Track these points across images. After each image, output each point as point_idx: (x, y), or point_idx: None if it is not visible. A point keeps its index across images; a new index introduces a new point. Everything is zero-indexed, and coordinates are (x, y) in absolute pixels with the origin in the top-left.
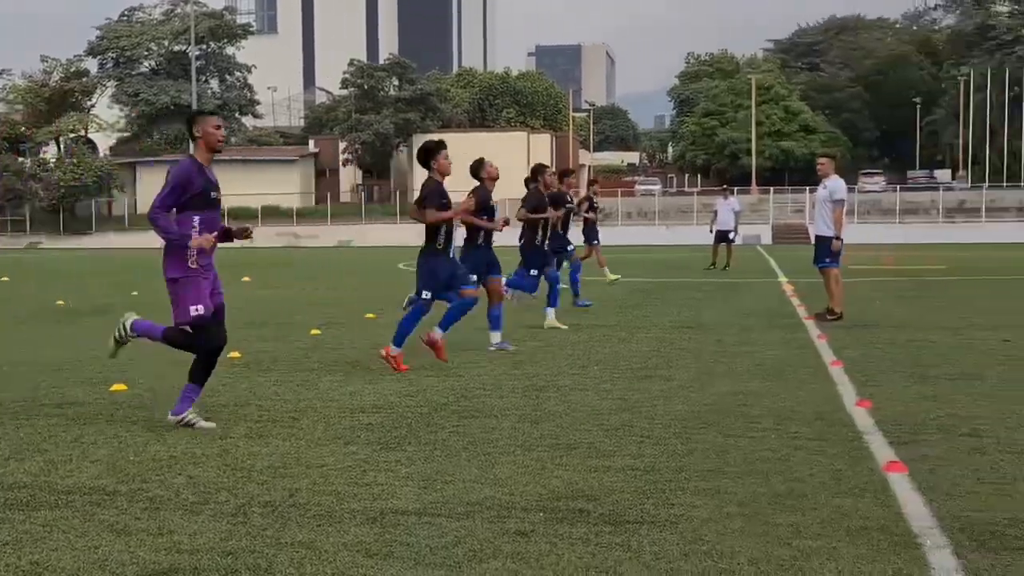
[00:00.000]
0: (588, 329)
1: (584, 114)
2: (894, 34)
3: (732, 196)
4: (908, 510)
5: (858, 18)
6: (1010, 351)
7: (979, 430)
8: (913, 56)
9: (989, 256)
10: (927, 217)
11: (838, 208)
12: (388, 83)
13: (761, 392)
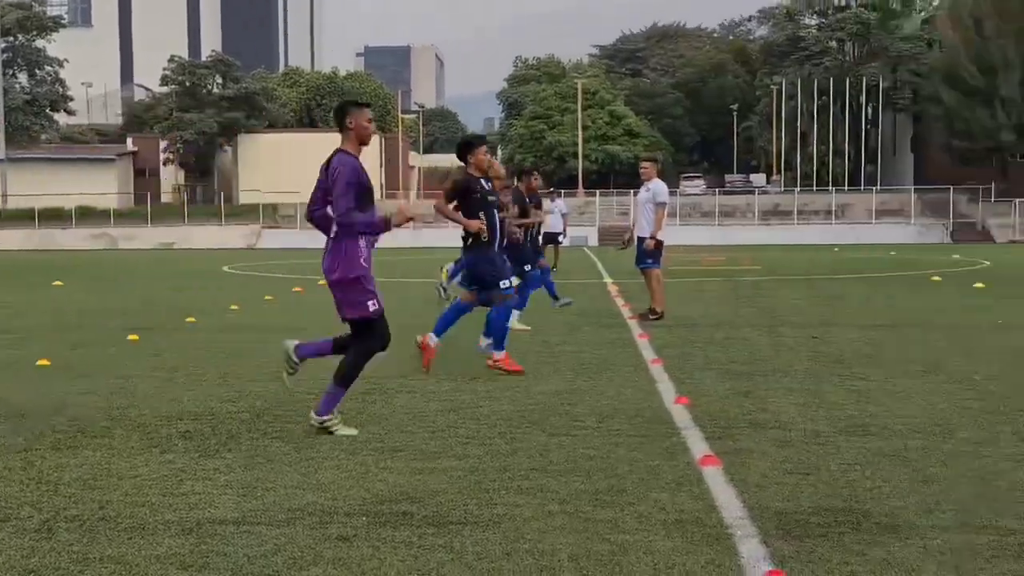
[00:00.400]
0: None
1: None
2: (712, 43)
3: (559, 198)
4: (721, 502)
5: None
6: (818, 347)
7: (787, 423)
8: (730, 65)
9: (800, 257)
10: (744, 219)
11: (660, 210)
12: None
13: (585, 390)
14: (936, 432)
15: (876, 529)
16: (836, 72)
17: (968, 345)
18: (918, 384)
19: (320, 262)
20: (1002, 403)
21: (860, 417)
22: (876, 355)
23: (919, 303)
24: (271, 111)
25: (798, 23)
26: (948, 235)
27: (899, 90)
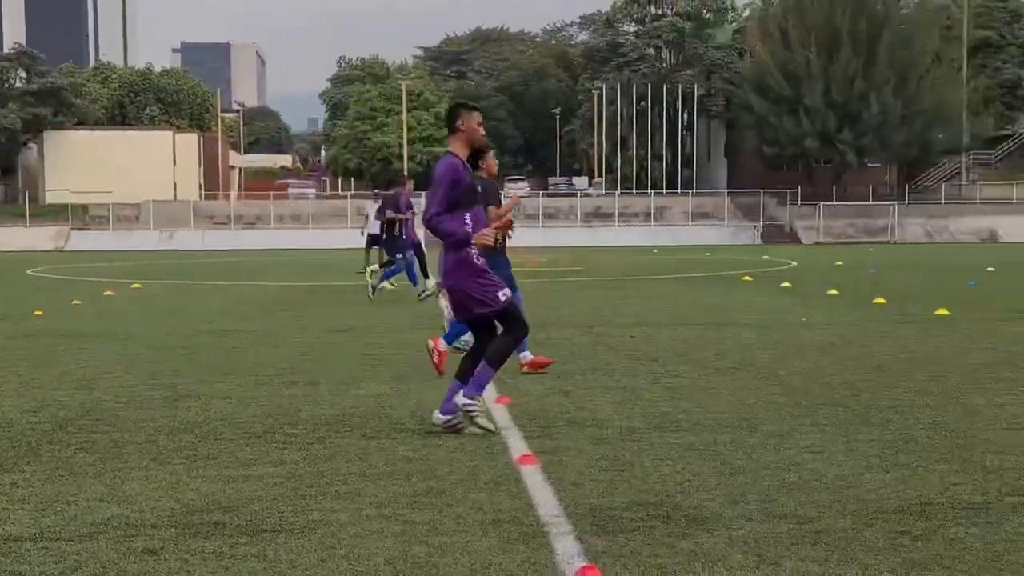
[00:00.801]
0: (234, 335)
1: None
2: (535, 47)
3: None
4: (538, 500)
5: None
6: (635, 346)
7: (604, 421)
8: (552, 69)
9: (620, 258)
10: (567, 221)
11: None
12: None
13: (405, 393)
14: (743, 426)
15: (685, 521)
16: (654, 78)
17: (774, 342)
18: (728, 380)
19: None
20: (804, 397)
21: (673, 413)
22: (690, 353)
23: (731, 302)
24: (80, 107)
25: (617, 30)
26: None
27: (713, 97)
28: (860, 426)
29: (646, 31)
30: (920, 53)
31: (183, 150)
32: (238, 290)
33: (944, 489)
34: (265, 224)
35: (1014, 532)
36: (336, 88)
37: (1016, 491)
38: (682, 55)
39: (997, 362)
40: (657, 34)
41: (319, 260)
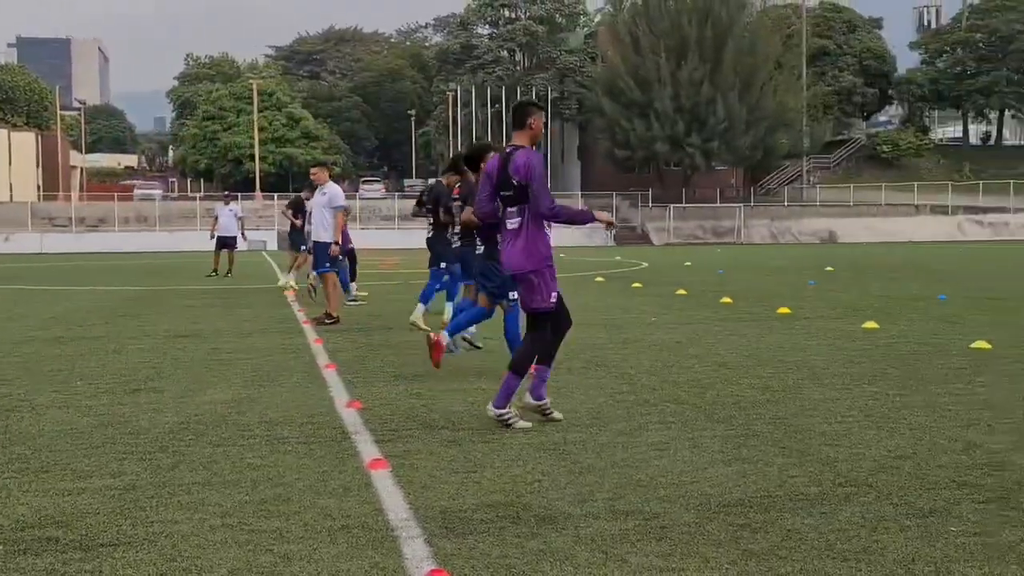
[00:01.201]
0: (73, 342)
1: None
2: (389, 48)
3: (235, 202)
4: (388, 505)
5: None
6: (489, 347)
7: (456, 423)
8: (407, 70)
9: None
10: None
11: (338, 214)
12: None
13: (254, 399)
14: (593, 425)
15: (535, 521)
16: (508, 81)
17: (624, 341)
18: (578, 380)
19: None
20: (652, 395)
21: None
22: None
23: (584, 302)
24: None
25: (471, 32)
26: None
27: (566, 100)
28: (705, 422)
29: (500, 34)
30: (763, 60)
31: (19, 149)
32: (79, 295)
33: (782, 482)
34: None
35: (847, 521)
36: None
37: (848, 481)
38: (535, 58)
39: (833, 358)
40: (511, 37)
41: (167, 263)
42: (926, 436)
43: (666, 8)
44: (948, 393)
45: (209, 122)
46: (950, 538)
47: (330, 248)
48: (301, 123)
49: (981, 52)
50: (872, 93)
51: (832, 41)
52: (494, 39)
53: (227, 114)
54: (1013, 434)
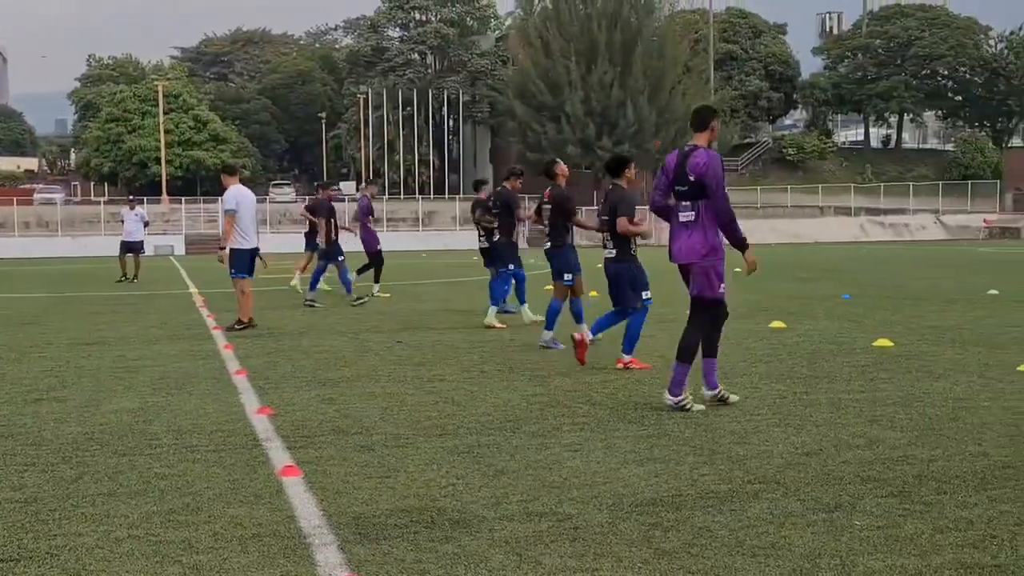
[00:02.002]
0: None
1: None
2: (299, 50)
3: (140, 206)
4: (300, 512)
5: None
6: (401, 352)
7: (370, 428)
8: (317, 72)
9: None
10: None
11: (226, 218)
12: None
13: (162, 407)
14: (507, 427)
15: (449, 525)
16: (420, 84)
17: (537, 344)
18: (493, 383)
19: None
20: (565, 396)
21: (439, 418)
22: (456, 357)
23: None
24: None
25: (382, 34)
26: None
27: (478, 104)
28: (618, 423)
29: (411, 36)
30: (671, 64)
31: None
32: None
33: (693, 480)
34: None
35: (756, 518)
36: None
37: (757, 479)
38: (447, 61)
39: (741, 357)
40: (422, 40)
41: (71, 269)
42: (831, 432)
43: (576, 12)
44: (852, 390)
45: (113, 124)
46: (854, 531)
47: (219, 254)
48: (208, 126)
49: (881, 58)
50: (778, 97)
51: (738, 46)
52: (405, 42)
53: (132, 116)
54: (914, 429)
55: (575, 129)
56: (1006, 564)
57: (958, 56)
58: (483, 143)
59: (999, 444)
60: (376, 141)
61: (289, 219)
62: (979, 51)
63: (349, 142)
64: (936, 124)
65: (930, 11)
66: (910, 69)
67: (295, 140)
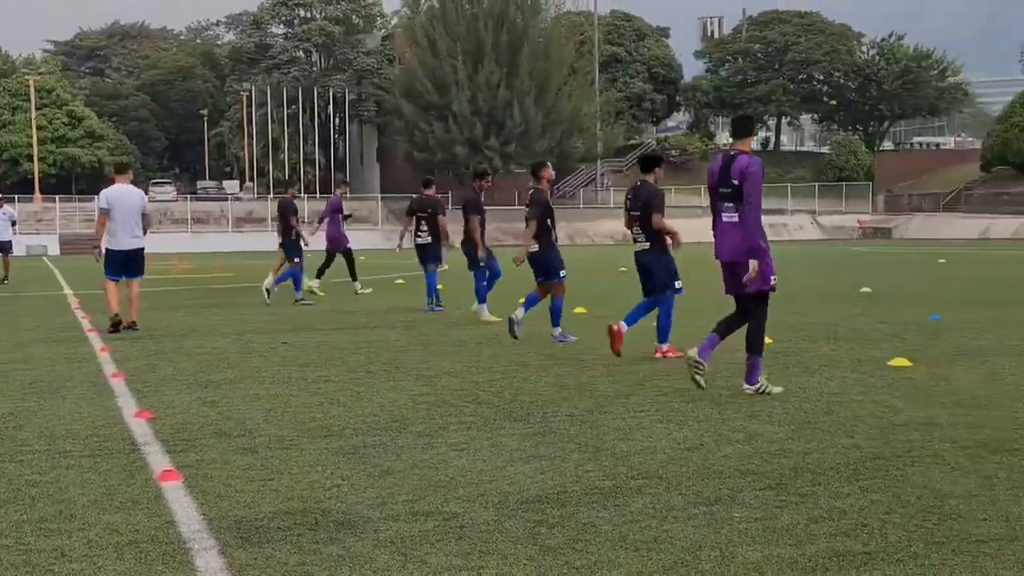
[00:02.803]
0: None
1: None
2: (179, 45)
3: (8, 205)
4: (180, 517)
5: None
6: (286, 352)
7: (253, 430)
8: (199, 69)
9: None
10: (218, 226)
11: (101, 215)
12: None
13: (34, 411)
14: (393, 428)
15: (333, 526)
16: (305, 82)
17: (424, 343)
18: (380, 383)
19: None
20: (452, 395)
21: (324, 419)
22: (341, 357)
23: (383, 305)
24: None
25: (265, 31)
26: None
27: (364, 102)
28: (504, 421)
29: (295, 34)
30: (557, 66)
31: None
32: None
33: (578, 477)
34: None
35: (639, 512)
36: None
37: (640, 474)
38: (332, 59)
39: (626, 355)
40: (307, 37)
41: None
42: (712, 428)
43: (462, 12)
44: (733, 387)
45: None
46: (734, 524)
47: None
48: (84, 122)
49: (760, 62)
50: (661, 99)
51: (623, 48)
52: (289, 39)
53: (1, 112)
54: (791, 424)
55: (462, 129)
56: (876, 551)
57: (833, 62)
58: (370, 142)
59: (870, 436)
60: (260, 139)
61: (169, 219)
62: (852, 57)
63: (232, 140)
64: (812, 127)
65: (806, 17)
66: (787, 73)
67: (175, 138)
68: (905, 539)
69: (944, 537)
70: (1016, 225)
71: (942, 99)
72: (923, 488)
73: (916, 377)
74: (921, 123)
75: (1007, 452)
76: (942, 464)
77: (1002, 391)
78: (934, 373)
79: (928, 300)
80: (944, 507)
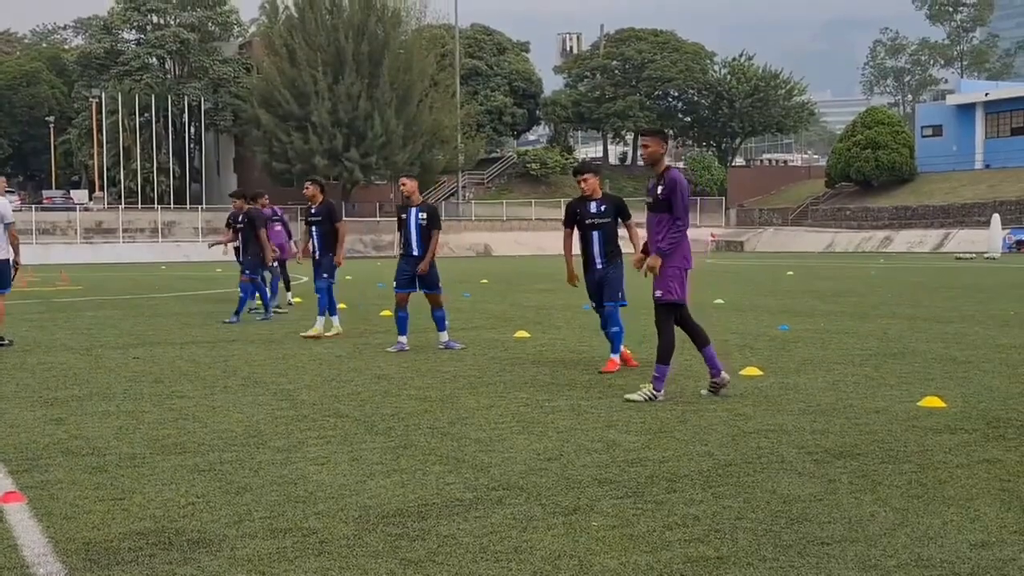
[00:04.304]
0: None
1: None
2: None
3: None
4: (23, 540)
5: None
6: (138, 367)
7: (103, 448)
8: (44, 74)
9: (124, 276)
10: (65, 237)
11: (11, 228)
12: None
13: None
14: (251, 443)
15: (188, 545)
16: (158, 89)
17: (283, 357)
18: (237, 398)
19: None
20: (311, 410)
21: (178, 435)
22: (197, 372)
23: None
24: None
25: (116, 36)
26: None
27: (221, 111)
28: (365, 435)
29: (148, 40)
30: (419, 77)
31: None
32: None
33: (439, 489)
34: None
35: (499, 523)
36: None
37: (501, 485)
38: (187, 67)
39: (486, 368)
40: (160, 44)
41: None
42: (572, 438)
43: (322, 22)
44: (591, 396)
45: None
46: (592, 532)
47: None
48: None
49: (617, 78)
50: (521, 113)
51: (484, 62)
52: (142, 45)
53: None
54: (647, 433)
55: (322, 139)
56: (728, 555)
57: (687, 79)
58: (227, 152)
59: (723, 444)
60: (111, 147)
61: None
62: (705, 75)
63: (80, 148)
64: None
65: (661, 36)
66: (644, 90)
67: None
68: (755, 543)
69: (791, 540)
70: (859, 239)
71: (789, 117)
72: (772, 493)
73: (766, 386)
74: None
75: (849, 456)
76: (789, 470)
77: (844, 398)
78: (783, 382)
79: (777, 311)
80: (791, 511)
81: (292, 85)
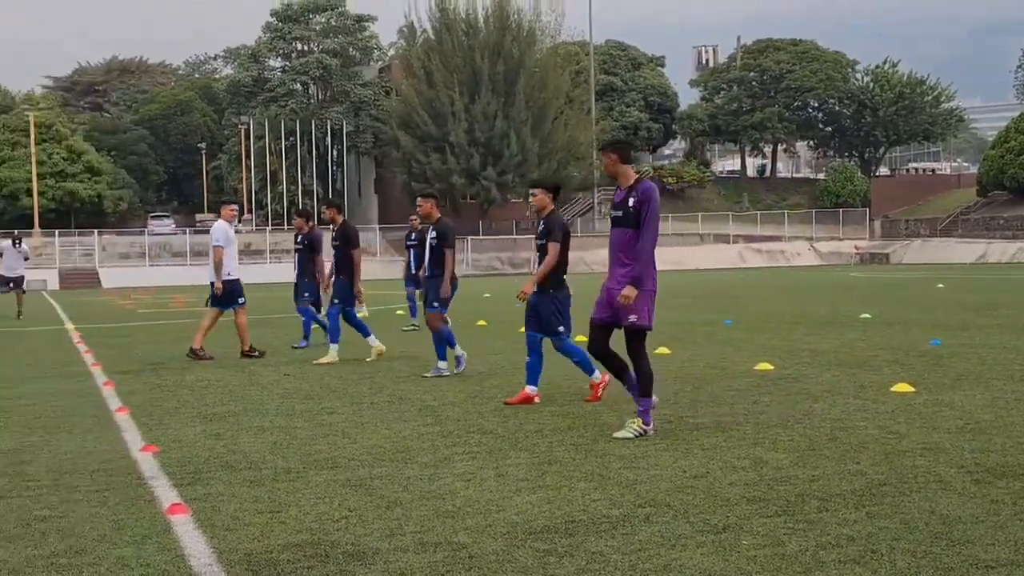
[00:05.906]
0: None
1: None
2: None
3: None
4: (190, 550)
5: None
6: (289, 384)
7: (258, 463)
8: (196, 102)
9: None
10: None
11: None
12: None
13: (40, 446)
14: (399, 459)
15: (343, 558)
16: (302, 114)
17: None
18: (383, 414)
19: None
20: (456, 426)
21: (329, 450)
22: (345, 389)
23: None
24: None
25: (263, 64)
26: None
27: (362, 134)
28: (509, 451)
29: (293, 67)
30: (553, 95)
31: None
32: None
33: (585, 506)
34: None
35: (647, 540)
36: None
37: (647, 502)
38: (330, 91)
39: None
40: (304, 70)
41: None
42: (717, 455)
43: (458, 43)
44: (736, 413)
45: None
46: (743, 551)
47: None
48: (83, 157)
49: (755, 90)
50: (657, 128)
51: (619, 78)
52: (287, 72)
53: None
54: (795, 450)
55: (459, 159)
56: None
57: (827, 89)
58: (367, 173)
59: (875, 462)
60: (259, 171)
61: (169, 252)
62: (847, 84)
63: (230, 173)
64: (808, 154)
65: (800, 45)
66: (783, 101)
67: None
68: (914, 565)
69: (953, 563)
70: (1013, 249)
71: (936, 124)
72: (930, 514)
73: (919, 403)
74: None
75: (1012, 477)
76: (948, 490)
77: (1005, 416)
78: (937, 399)
79: (927, 325)
80: (952, 533)
81: (430, 106)
